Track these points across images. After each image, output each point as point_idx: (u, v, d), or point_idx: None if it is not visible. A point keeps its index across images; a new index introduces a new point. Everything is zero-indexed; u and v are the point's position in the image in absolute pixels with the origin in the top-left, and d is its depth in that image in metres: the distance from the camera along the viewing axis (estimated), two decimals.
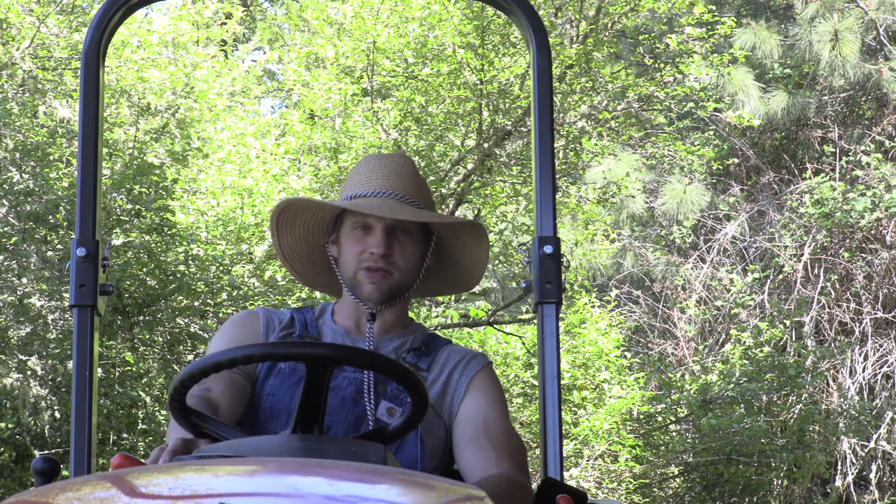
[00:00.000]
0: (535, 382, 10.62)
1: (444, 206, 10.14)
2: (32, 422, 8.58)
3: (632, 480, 11.13)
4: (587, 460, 11.12)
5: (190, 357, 9.27)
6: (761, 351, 11.92)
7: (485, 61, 9.13)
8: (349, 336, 2.66)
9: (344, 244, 2.67)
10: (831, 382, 12.88)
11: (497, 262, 11.12)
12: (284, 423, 2.50)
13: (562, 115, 9.68)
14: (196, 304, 8.98)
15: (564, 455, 8.29)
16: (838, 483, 12.66)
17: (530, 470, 11.62)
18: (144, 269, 8.80)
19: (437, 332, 2.88)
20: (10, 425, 8.56)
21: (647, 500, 11.36)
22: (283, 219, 2.73)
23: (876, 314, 13.03)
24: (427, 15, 9.38)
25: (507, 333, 10.99)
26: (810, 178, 13.40)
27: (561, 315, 5.02)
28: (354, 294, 2.65)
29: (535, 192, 2.79)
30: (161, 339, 9.11)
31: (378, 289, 2.62)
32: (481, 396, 2.62)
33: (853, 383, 12.75)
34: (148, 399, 9.21)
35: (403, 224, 2.62)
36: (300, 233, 2.76)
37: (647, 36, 9.99)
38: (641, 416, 11.42)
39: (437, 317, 10.98)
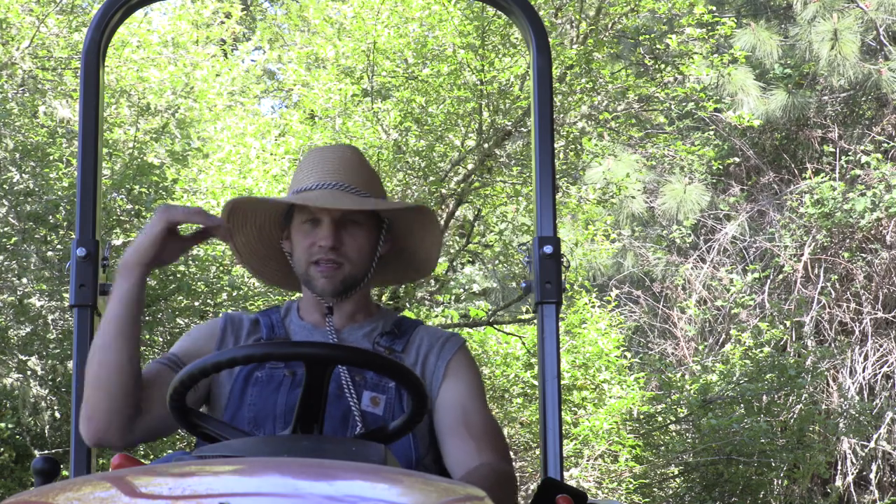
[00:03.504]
0: (535, 382, 10.62)
1: (444, 206, 10.13)
2: (32, 422, 8.58)
3: (632, 480, 11.13)
4: (587, 460, 11.12)
5: None
6: (761, 351, 11.92)
7: (485, 62, 9.13)
8: (317, 329, 2.66)
9: (295, 239, 2.66)
10: (831, 382, 12.88)
11: (497, 262, 11.12)
12: (271, 429, 2.50)
13: (562, 115, 9.68)
14: (196, 304, 8.99)
15: (564, 455, 8.29)
16: (838, 483, 12.66)
17: (530, 470, 11.52)
18: None
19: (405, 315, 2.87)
20: (10, 425, 8.56)
21: (647, 500, 11.36)
22: (233, 219, 2.72)
23: (876, 314, 13.03)
24: (427, 15, 9.38)
25: (507, 333, 10.99)
26: (810, 178, 13.40)
27: (561, 315, 5.02)
28: (309, 288, 2.66)
29: (535, 192, 2.80)
30: (161, 339, 9.11)
31: (330, 282, 2.61)
32: (459, 382, 2.62)
33: (853, 383, 12.75)
34: None
35: (351, 214, 2.61)
36: (254, 232, 2.75)
37: (647, 36, 9.99)
38: (641, 416, 11.42)
39: (437, 317, 10.98)
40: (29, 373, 8.30)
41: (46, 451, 8.56)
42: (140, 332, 2.51)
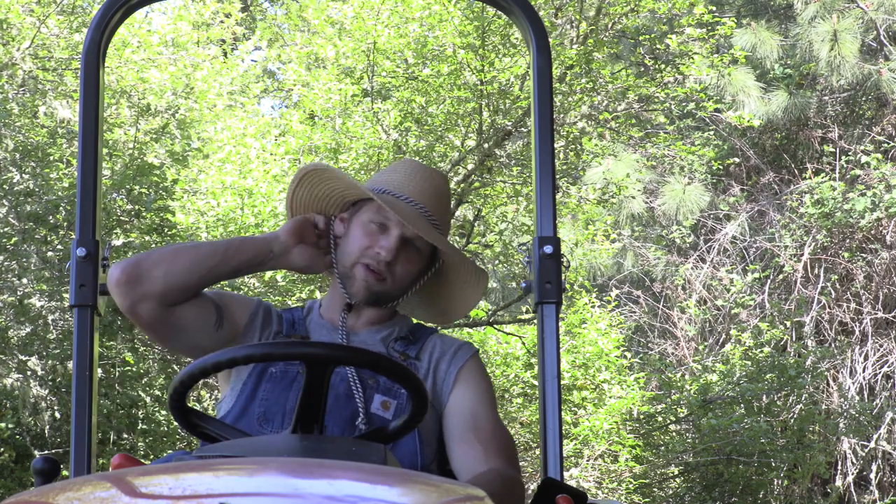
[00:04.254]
0: (535, 382, 10.62)
1: None
2: (32, 422, 8.58)
3: (632, 480, 11.13)
4: (587, 460, 11.12)
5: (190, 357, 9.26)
6: (761, 351, 11.92)
7: (485, 62, 9.14)
8: (336, 330, 2.68)
9: (354, 231, 2.67)
10: (831, 382, 12.88)
11: (497, 262, 11.13)
12: (280, 425, 2.52)
13: (562, 115, 9.68)
14: None
15: (564, 455, 8.29)
16: (838, 483, 12.67)
17: (530, 470, 11.50)
18: None
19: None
20: (10, 425, 8.56)
21: (647, 500, 11.36)
22: (310, 175, 2.72)
23: (876, 314, 13.03)
24: (427, 15, 9.38)
25: (507, 333, 11.00)
26: (810, 178, 13.41)
27: (561, 315, 5.01)
28: (343, 284, 2.67)
29: (535, 192, 2.80)
30: None
31: (367, 290, 2.63)
32: (469, 389, 2.64)
33: (853, 383, 12.75)
34: (148, 399, 9.21)
35: (417, 240, 2.64)
36: (319, 194, 2.75)
37: (647, 36, 9.99)
38: (641, 416, 11.42)
39: None
40: (29, 373, 8.30)
41: (46, 451, 8.56)
42: (223, 277, 2.63)
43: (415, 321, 2.82)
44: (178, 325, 2.58)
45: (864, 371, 12.83)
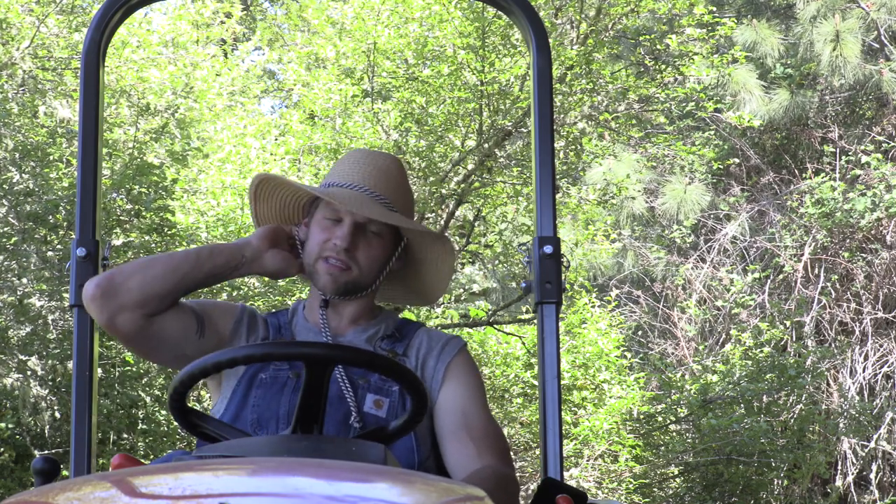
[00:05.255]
0: (535, 382, 10.62)
1: (444, 207, 10.13)
2: (32, 422, 8.58)
3: (632, 480, 11.13)
4: (587, 460, 11.12)
5: None
6: (761, 351, 11.92)
7: (485, 62, 9.14)
8: (321, 332, 2.68)
9: (312, 230, 2.67)
10: (831, 382, 12.88)
11: (497, 262, 11.13)
12: (274, 430, 2.51)
13: (562, 115, 9.68)
14: None
15: (564, 455, 8.29)
16: (838, 483, 12.66)
17: (530, 470, 11.48)
18: None
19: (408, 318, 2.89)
20: (10, 425, 8.56)
21: (647, 500, 11.36)
22: (261, 189, 2.75)
23: (876, 314, 13.03)
24: (427, 16, 9.38)
25: (507, 333, 11.00)
26: (810, 178, 13.41)
27: (561, 315, 5.01)
28: (313, 282, 2.68)
29: (535, 192, 2.80)
30: None
31: (334, 281, 2.62)
32: (459, 385, 2.63)
33: (853, 383, 12.75)
34: (148, 399, 9.21)
35: (373, 223, 2.63)
36: (276, 206, 2.77)
37: (647, 37, 9.99)
38: (641, 416, 11.42)
39: (437, 317, 10.98)
40: (29, 373, 8.29)
41: (46, 451, 8.56)
42: (198, 283, 2.62)
43: (401, 317, 2.81)
44: (159, 336, 2.56)
45: (864, 371, 12.82)
